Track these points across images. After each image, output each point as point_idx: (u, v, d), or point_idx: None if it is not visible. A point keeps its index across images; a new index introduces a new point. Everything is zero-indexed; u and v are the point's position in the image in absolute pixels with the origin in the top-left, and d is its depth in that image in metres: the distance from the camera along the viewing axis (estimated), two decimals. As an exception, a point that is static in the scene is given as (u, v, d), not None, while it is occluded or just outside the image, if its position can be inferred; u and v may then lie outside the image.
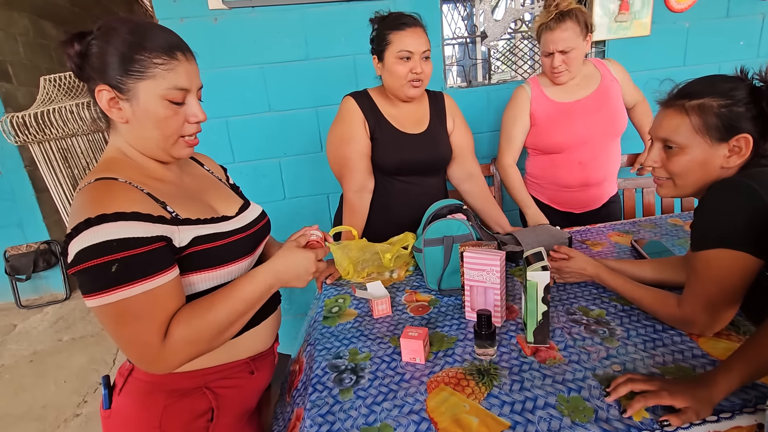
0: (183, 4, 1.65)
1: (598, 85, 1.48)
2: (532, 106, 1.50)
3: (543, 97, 1.49)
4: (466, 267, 0.92)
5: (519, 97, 1.52)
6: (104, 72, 0.67)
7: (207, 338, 0.69)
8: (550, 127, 1.49)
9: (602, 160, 1.51)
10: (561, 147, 1.49)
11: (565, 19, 1.33)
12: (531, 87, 1.51)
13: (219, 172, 0.97)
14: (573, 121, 1.46)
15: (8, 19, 3.31)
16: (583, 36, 1.37)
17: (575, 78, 1.49)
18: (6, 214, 3.34)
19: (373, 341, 0.92)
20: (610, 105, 1.47)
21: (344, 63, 1.80)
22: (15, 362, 2.58)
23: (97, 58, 0.67)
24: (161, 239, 0.66)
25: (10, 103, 3.19)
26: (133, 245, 0.62)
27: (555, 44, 1.36)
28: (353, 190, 1.29)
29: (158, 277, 0.64)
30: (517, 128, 1.52)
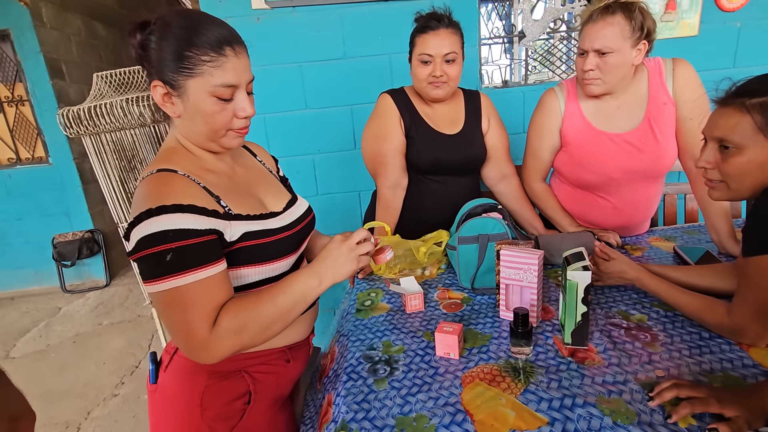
0: (228, 4, 1.72)
1: (644, 114, 1.17)
2: (564, 123, 1.24)
3: (578, 115, 1.23)
4: (503, 265, 0.92)
5: (548, 105, 1.26)
6: (158, 68, 0.70)
7: (252, 333, 0.69)
8: (581, 159, 1.24)
9: (641, 204, 1.28)
10: (592, 186, 1.27)
11: (615, 11, 1.06)
12: (565, 94, 1.25)
13: (270, 164, 0.99)
14: (609, 159, 1.20)
15: (63, 20, 3.52)
16: (633, 41, 1.07)
17: (615, 97, 1.18)
18: (55, 204, 3.55)
19: (406, 335, 0.92)
20: (658, 143, 1.17)
21: (380, 62, 1.82)
22: (60, 342, 2.74)
23: (153, 54, 0.70)
24: (213, 232, 0.68)
25: (62, 99, 3.41)
26: (187, 236, 0.65)
27: (591, 40, 1.09)
28: (387, 186, 1.31)
29: (209, 267, 0.67)
30: (544, 145, 1.30)
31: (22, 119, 3.45)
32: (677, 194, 1.64)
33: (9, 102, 3.40)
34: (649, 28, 1.08)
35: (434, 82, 1.23)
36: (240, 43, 0.73)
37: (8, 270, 3.62)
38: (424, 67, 1.22)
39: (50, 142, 3.44)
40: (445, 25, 1.19)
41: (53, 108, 3.33)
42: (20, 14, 3.16)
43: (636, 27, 1.06)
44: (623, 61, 1.09)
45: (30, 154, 3.52)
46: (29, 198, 3.50)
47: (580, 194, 1.32)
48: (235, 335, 0.68)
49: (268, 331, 0.72)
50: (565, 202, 1.35)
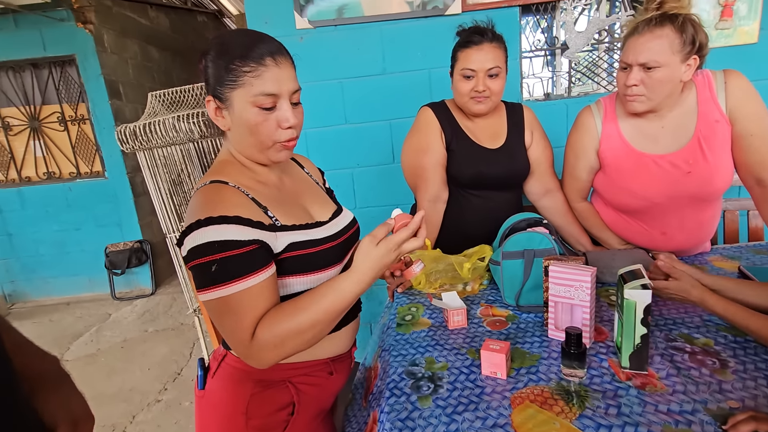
0: (273, 24, 1.79)
1: (692, 133, 1.07)
2: (602, 144, 1.17)
3: (616, 136, 1.15)
4: (552, 282, 0.88)
5: (584, 125, 1.20)
6: (212, 84, 0.74)
7: (291, 344, 0.69)
8: (620, 183, 1.16)
9: (693, 229, 1.17)
10: (635, 211, 1.19)
11: (664, 23, 0.97)
12: (602, 113, 1.17)
13: (317, 175, 1.01)
14: (652, 182, 1.11)
15: (122, 45, 3.81)
16: (683, 55, 0.98)
17: (660, 115, 1.09)
18: (109, 215, 3.78)
19: (449, 351, 0.90)
20: (708, 163, 1.06)
21: (419, 77, 1.83)
22: (109, 347, 2.88)
23: (208, 72, 0.74)
24: (256, 242, 0.69)
25: (119, 117, 3.66)
26: (230, 247, 0.66)
27: (636, 54, 1.00)
28: (427, 200, 1.30)
29: (250, 278, 0.67)
30: (580, 165, 1.23)
31: (83, 136, 3.72)
32: (738, 210, 1.53)
33: (72, 120, 3.68)
34: (701, 42, 0.99)
35: (476, 97, 1.22)
36: (282, 54, 0.74)
37: (66, 277, 3.87)
38: (466, 82, 1.22)
39: (107, 158, 3.68)
40: (488, 40, 1.18)
41: (111, 126, 3.58)
42: (85, 41, 3.44)
43: (687, 41, 0.98)
44: (671, 77, 1.00)
45: (89, 168, 3.78)
46: (86, 209, 3.75)
47: (624, 219, 1.23)
48: (273, 349, 0.68)
49: (310, 342, 0.71)
50: (607, 220, 1.28)
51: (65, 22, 3.38)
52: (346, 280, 0.72)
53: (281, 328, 0.68)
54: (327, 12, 1.76)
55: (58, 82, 3.61)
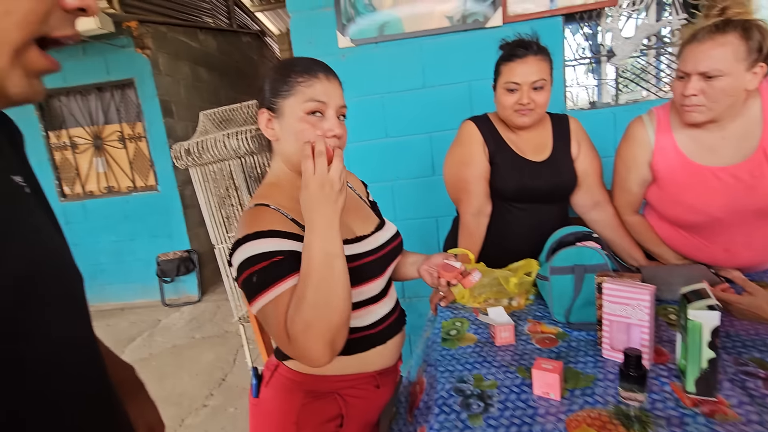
0: (317, 45, 1.86)
1: (757, 143, 1.00)
2: (655, 157, 1.11)
3: (671, 149, 1.08)
4: (606, 300, 0.85)
5: (635, 137, 1.14)
6: (267, 98, 0.79)
7: (316, 319, 0.65)
8: (677, 197, 1.10)
9: (758, 247, 1.09)
10: (693, 226, 1.12)
11: (727, 30, 0.91)
12: (655, 124, 1.11)
13: (360, 189, 1.04)
14: (712, 197, 1.04)
15: (175, 67, 4.07)
16: (749, 63, 0.92)
17: (721, 125, 1.03)
18: (160, 226, 4.02)
19: (497, 369, 0.88)
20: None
21: (460, 89, 1.84)
22: (159, 352, 3.03)
23: (265, 87, 0.80)
24: (284, 253, 0.70)
25: (171, 135, 3.90)
26: (263, 258, 0.69)
27: (696, 62, 0.94)
28: (470, 213, 1.29)
29: (285, 281, 0.69)
30: (631, 177, 1.18)
31: (139, 153, 3.99)
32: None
33: (130, 139, 3.97)
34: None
35: (520, 110, 1.21)
36: (333, 73, 0.81)
37: (121, 284, 4.13)
38: (510, 95, 1.21)
39: (159, 172, 3.93)
40: (533, 52, 1.17)
41: (164, 143, 3.82)
42: (143, 65, 3.71)
43: (753, 48, 0.91)
44: (734, 86, 0.94)
45: (144, 182, 4.05)
46: (141, 221, 4.00)
47: (681, 234, 1.16)
48: (305, 334, 0.65)
49: (333, 306, 0.67)
50: (663, 235, 1.21)
51: (126, 49, 3.67)
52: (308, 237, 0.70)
53: (297, 312, 0.66)
54: (368, 30, 1.81)
55: (119, 104, 3.91)
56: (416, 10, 1.77)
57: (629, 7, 1.67)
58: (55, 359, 0.36)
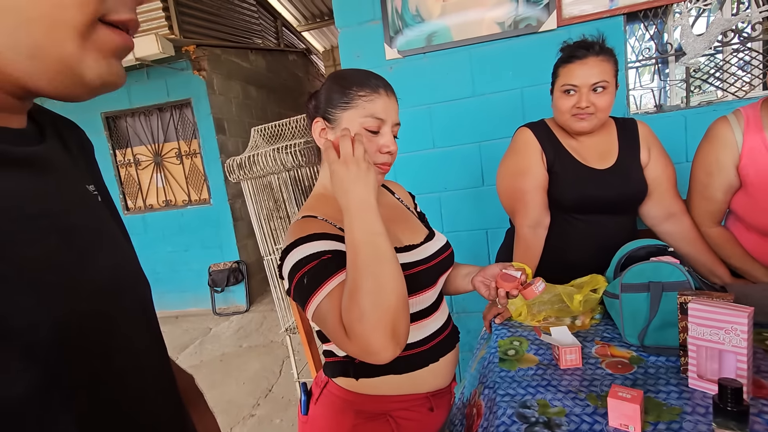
0: (365, 58, 1.88)
1: None
2: (743, 159, 1.02)
3: (762, 149, 0.99)
4: (693, 322, 0.75)
5: (719, 137, 1.05)
6: (323, 108, 0.79)
7: (370, 305, 0.61)
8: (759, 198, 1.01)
9: None
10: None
11: None
12: (743, 124, 1.02)
13: (408, 201, 1.01)
14: None
15: (227, 86, 4.29)
16: None
17: None
18: (212, 237, 4.20)
19: (564, 395, 0.80)
20: None
21: (511, 97, 1.77)
22: (210, 360, 3.12)
23: (322, 97, 0.80)
24: (331, 252, 0.69)
25: (223, 151, 4.09)
26: (310, 260, 0.68)
27: None
28: (527, 225, 1.21)
29: (331, 281, 0.66)
30: (714, 183, 1.08)
31: (194, 168, 4.22)
32: None
33: (186, 155, 4.20)
34: None
35: (579, 114, 1.13)
36: (391, 90, 0.81)
37: (176, 293, 4.34)
38: (567, 98, 1.14)
39: (212, 187, 4.12)
40: (594, 53, 1.09)
41: (216, 158, 4.01)
42: (199, 85, 3.94)
43: None
44: None
45: (198, 196, 4.26)
46: (194, 233, 4.21)
47: None
48: (361, 323, 0.60)
49: (385, 287, 0.62)
50: (748, 246, 1.09)
51: (184, 71, 3.92)
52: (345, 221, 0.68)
53: (349, 301, 0.62)
54: (416, 41, 1.80)
55: (177, 122, 4.16)
56: (465, 17, 1.73)
57: (701, 2, 1.54)
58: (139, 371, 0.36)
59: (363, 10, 1.84)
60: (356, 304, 0.61)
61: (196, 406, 0.57)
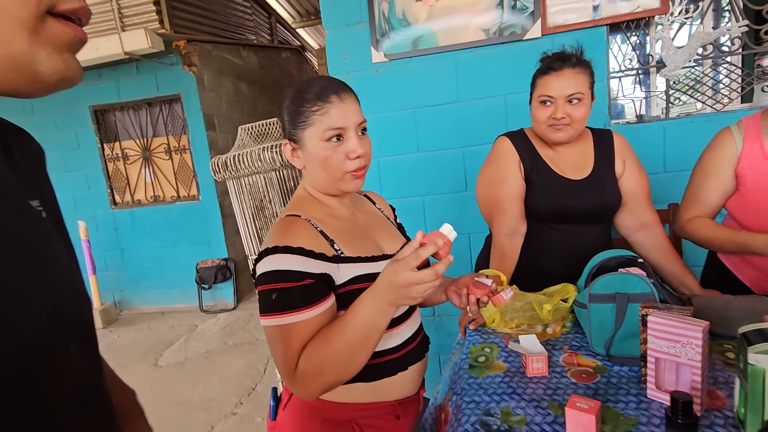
0: (351, 61, 1.88)
1: None
2: (741, 162, 1.08)
3: (759, 154, 1.06)
4: (651, 335, 0.77)
5: (721, 144, 1.11)
6: (287, 129, 0.80)
7: (332, 373, 0.69)
8: (760, 207, 1.06)
9: None
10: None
11: None
12: (743, 132, 1.08)
13: (388, 212, 1.03)
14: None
15: (218, 83, 4.26)
16: None
17: None
18: (200, 234, 4.18)
19: (528, 403, 0.82)
20: None
21: (495, 103, 1.79)
22: (194, 357, 3.11)
23: (284, 118, 0.80)
24: (315, 276, 0.71)
25: (213, 147, 4.06)
26: (290, 278, 0.69)
27: None
28: (504, 234, 1.23)
29: (305, 311, 0.69)
30: (710, 185, 1.12)
31: (183, 164, 4.19)
32: None
33: (176, 150, 4.18)
34: None
35: (555, 125, 1.15)
36: (346, 91, 0.78)
37: (162, 289, 4.31)
38: (544, 109, 1.16)
39: (201, 183, 4.10)
40: (571, 65, 1.11)
41: (206, 154, 3.99)
42: (189, 81, 3.91)
43: None
44: None
45: (187, 192, 4.23)
46: (182, 229, 4.18)
47: None
48: (314, 378, 0.68)
49: (351, 367, 0.70)
50: (738, 262, 1.13)
51: (174, 66, 3.89)
52: (366, 299, 0.70)
53: (318, 356, 0.68)
54: (402, 45, 1.81)
55: (166, 118, 4.13)
56: (451, 23, 1.74)
57: (681, 15, 1.57)
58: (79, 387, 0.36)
59: (350, 13, 1.84)
60: (321, 360, 0.68)
61: (134, 424, 0.56)
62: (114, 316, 4.15)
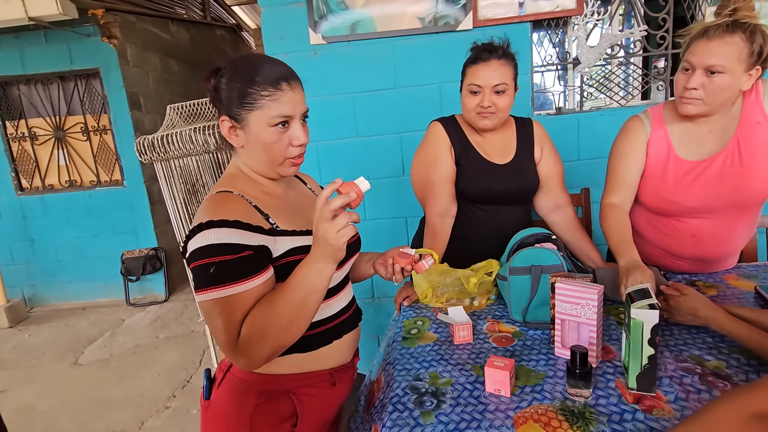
0: (288, 41, 1.84)
1: (733, 133, 1.07)
2: (649, 145, 1.16)
3: (663, 140, 1.14)
4: (558, 299, 0.87)
5: (633, 130, 1.18)
6: (227, 105, 0.78)
7: (275, 337, 0.70)
8: (658, 183, 1.16)
9: (724, 237, 1.16)
10: (667, 212, 1.18)
11: (735, 31, 0.96)
12: (651, 122, 1.16)
13: (318, 191, 1.04)
14: (689, 185, 1.11)
15: (144, 58, 3.94)
16: (748, 65, 0.98)
17: (709, 120, 1.08)
18: (125, 222, 3.88)
19: (453, 367, 0.89)
20: (744, 166, 1.06)
21: (430, 91, 1.85)
22: (121, 353, 2.92)
23: (223, 94, 0.78)
24: (253, 248, 0.72)
25: (138, 128, 3.76)
26: (228, 251, 0.69)
27: (703, 57, 0.99)
28: (436, 214, 1.30)
29: (245, 282, 0.70)
30: (627, 165, 1.18)
31: (104, 146, 3.84)
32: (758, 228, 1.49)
33: (95, 131, 3.81)
34: (767, 54, 0.98)
35: (482, 113, 1.23)
36: (295, 79, 0.80)
37: (82, 282, 3.96)
38: (473, 98, 1.23)
39: (126, 167, 3.79)
40: (497, 56, 1.19)
41: (130, 136, 3.69)
42: (109, 54, 3.57)
43: (755, 51, 0.97)
44: (731, 85, 1.00)
45: (108, 177, 3.89)
46: (105, 216, 3.85)
47: (656, 217, 1.21)
48: (257, 343, 0.69)
49: (292, 330, 0.72)
50: (641, 223, 1.25)
51: (91, 38, 3.52)
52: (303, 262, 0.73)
53: (261, 320, 0.70)
54: (340, 28, 1.80)
55: (83, 94, 3.75)
56: (388, 10, 1.77)
57: (594, 17, 1.73)
58: None
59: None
60: (265, 325, 0.69)
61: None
62: (23, 313, 3.75)
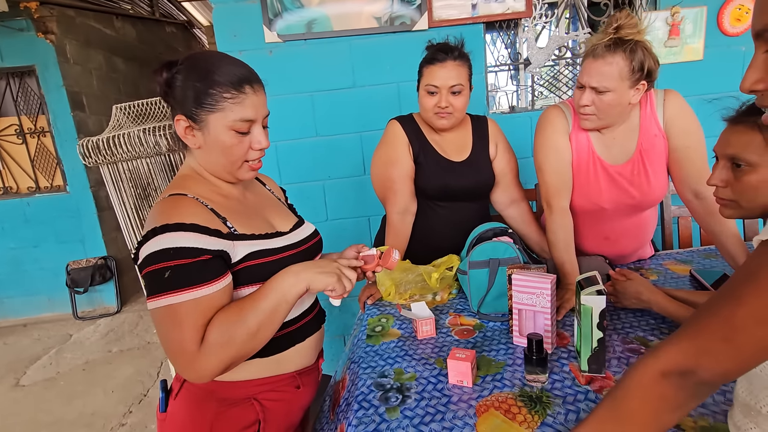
0: (242, 38, 1.79)
1: (635, 146, 1.14)
2: (572, 141, 1.18)
3: (584, 141, 1.17)
4: (515, 290, 0.90)
5: (554, 122, 1.18)
6: (183, 104, 0.74)
7: (240, 343, 0.68)
8: (578, 182, 1.19)
9: (633, 234, 1.26)
10: (583, 212, 1.22)
11: (616, 50, 1.01)
12: (571, 116, 1.18)
13: (279, 193, 1.02)
14: (604, 189, 1.17)
15: (86, 55, 3.70)
16: (632, 81, 1.03)
17: (612, 129, 1.15)
18: (70, 230, 3.62)
19: (417, 362, 0.91)
20: (647, 175, 1.14)
21: (389, 90, 1.87)
22: (69, 370, 2.73)
23: (179, 91, 0.74)
24: (212, 252, 0.69)
25: (82, 130, 3.53)
26: (185, 255, 0.66)
27: (589, 77, 1.05)
28: (396, 212, 1.31)
29: (204, 287, 0.67)
30: (564, 160, 1.18)
31: (43, 150, 3.57)
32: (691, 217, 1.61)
33: (32, 133, 3.53)
34: (650, 68, 1.03)
35: (440, 113, 1.25)
36: (258, 82, 0.78)
37: (22, 297, 3.66)
38: (430, 98, 1.25)
39: (68, 171, 3.54)
40: (453, 57, 1.21)
41: (73, 139, 3.44)
42: (46, 51, 3.32)
43: (636, 67, 1.02)
44: (619, 101, 1.05)
45: (49, 183, 3.62)
46: (46, 225, 3.58)
47: (578, 221, 1.25)
48: (222, 348, 0.67)
49: (257, 338, 0.71)
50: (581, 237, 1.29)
51: (24, 32, 3.26)
52: (281, 273, 0.76)
53: (229, 324, 0.68)
54: (296, 26, 1.78)
55: (16, 94, 3.46)
56: (344, 9, 1.76)
57: (542, 20, 1.81)
58: None
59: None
60: (230, 331, 0.68)
61: None
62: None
